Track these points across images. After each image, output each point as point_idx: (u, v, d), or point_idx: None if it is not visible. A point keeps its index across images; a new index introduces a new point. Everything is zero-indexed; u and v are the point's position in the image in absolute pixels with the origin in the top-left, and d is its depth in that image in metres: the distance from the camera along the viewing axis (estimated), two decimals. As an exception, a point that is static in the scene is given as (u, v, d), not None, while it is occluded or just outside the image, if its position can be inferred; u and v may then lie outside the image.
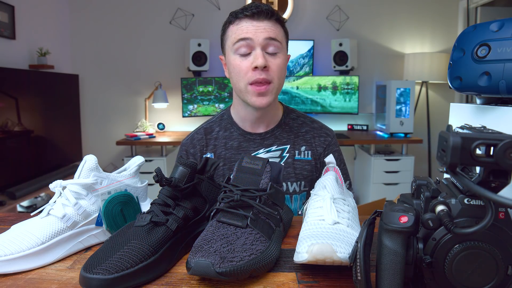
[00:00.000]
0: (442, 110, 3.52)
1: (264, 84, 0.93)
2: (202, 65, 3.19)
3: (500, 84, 0.58)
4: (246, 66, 0.93)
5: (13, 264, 0.55)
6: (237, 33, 0.93)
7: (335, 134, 1.13)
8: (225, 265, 0.50)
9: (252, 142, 1.05)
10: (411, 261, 0.43)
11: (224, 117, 1.09)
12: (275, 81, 0.94)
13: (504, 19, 0.59)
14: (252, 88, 0.93)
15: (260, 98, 0.94)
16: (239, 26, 0.93)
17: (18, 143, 2.50)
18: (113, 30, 3.42)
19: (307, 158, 1.05)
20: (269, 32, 0.92)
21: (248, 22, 0.92)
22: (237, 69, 0.94)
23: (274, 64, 0.93)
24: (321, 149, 1.07)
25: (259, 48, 0.92)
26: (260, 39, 0.91)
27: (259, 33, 0.91)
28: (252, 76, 0.92)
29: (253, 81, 0.92)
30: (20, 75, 2.52)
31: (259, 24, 0.92)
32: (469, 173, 0.44)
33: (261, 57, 0.91)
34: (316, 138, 1.08)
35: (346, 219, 0.59)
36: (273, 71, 0.93)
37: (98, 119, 3.53)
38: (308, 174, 1.05)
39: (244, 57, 0.93)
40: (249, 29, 0.92)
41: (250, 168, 0.65)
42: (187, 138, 1.09)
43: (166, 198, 0.61)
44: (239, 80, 0.95)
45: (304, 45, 3.35)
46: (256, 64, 0.90)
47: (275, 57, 0.94)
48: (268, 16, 0.93)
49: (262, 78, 0.92)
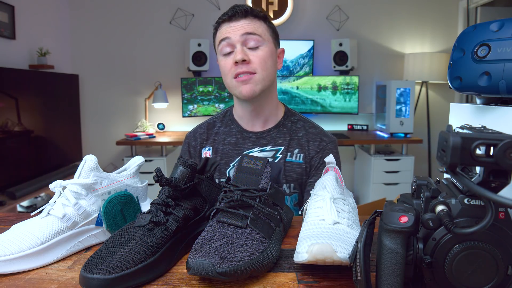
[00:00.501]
0: (442, 110, 3.52)
1: (246, 74, 0.98)
2: (202, 65, 3.19)
3: (500, 84, 0.58)
4: (229, 63, 1.00)
5: (13, 264, 0.55)
6: (218, 36, 1.02)
7: (335, 140, 1.10)
8: (225, 265, 0.50)
9: (248, 140, 1.08)
10: (411, 261, 0.43)
11: (227, 114, 1.15)
12: (259, 71, 0.99)
13: (504, 19, 0.59)
14: (236, 80, 0.99)
15: (244, 86, 0.99)
16: (220, 30, 1.02)
17: (18, 143, 2.50)
18: (113, 30, 3.42)
19: (298, 161, 1.05)
20: (246, 28, 0.98)
21: (227, 25, 1.00)
22: (223, 68, 1.02)
23: (255, 57, 0.99)
24: (313, 153, 1.06)
25: (238, 45, 0.98)
26: (237, 36, 0.98)
27: (236, 31, 0.98)
28: (234, 70, 0.99)
29: (236, 74, 0.99)
30: (20, 75, 2.52)
31: (236, 24, 0.99)
32: (469, 173, 0.44)
33: (239, 52, 0.97)
34: (311, 143, 1.07)
35: (346, 219, 0.59)
36: (255, 63, 0.98)
37: (98, 119, 3.53)
38: (297, 177, 1.04)
39: (228, 56, 1.00)
40: (227, 30, 1.00)
41: (250, 168, 0.65)
42: (191, 131, 1.17)
43: (166, 198, 0.61)
44: (225, 77, 1.02)
45: (304, 45, 3.35)
46: (235, 59, 0.97)
47: (257, 50, 0.99)
48: (243, 15, 0.99)
49: (243, 71, 0.98)
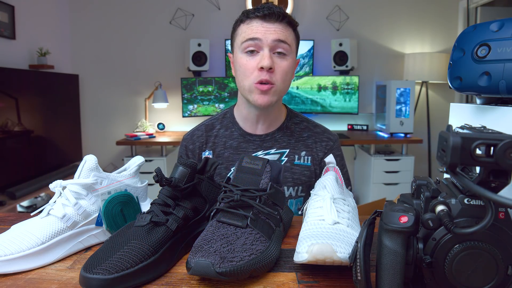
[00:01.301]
0: (442, 110, 3.52)
1: (267, 84, 0.93)
2: (202, 65, 3.19)
3: (500, 84, 0.58)
4: (252, 65, 0.93)
5: (13, 264, 0.55)
6: (247, 33, 0.94)
7: (338, 138, 1.11)
8: (225, 265, 0.50)
9: (252, 143, 1.05)
10: (411, 261, 0.43)
11: (226, 116, 1.10)
12: (278, 84, 0.95)
13: (504, 19, 0.59)
14: (257, 86, 0.94)
15: (262, 96, 0.94)
16: (250, 26, 0.94)
17: (18, 143, 2.50)
18: (113, 30, 3.42)
19: (307, 164, 1.05)
20: (279, 34, 0.92)
21: (259, 23, 0.93)
22: (243, 67, 0.95)
23: (279, 66, 0.94)
24: (322, 154, 1.06)
25: (267, 49, 0.92)
26: (269, 40, 0.92)
27: (269, 34, 0.92)
28: (257, 76, 0.93)
29: (258, 81, 0.93)
30: (20, 75, 2.52)
31: (270, 26, 0.92)
32: (469, 173, 0.44)
33: (267, 58, 0.91)
34: (318, 143, 1.07)
35: (346, 219, 0.59)
36: (278, 73, 0.94)
37: (98, 119, 3.53)
38: (306, 179, 1.04)
39: (251, 57, 0.94)
40: (259, 30, 0.92)
41: (250, 168, 0.65)
42: (188, 133, 1.10)
43: (166, 198, 0.61)
44: (244, 78, 0.95)
45: (304, 45, 3.34)
46: (262, 64, 0.91)
47: (282, 59, 0.94)
48: (279, 18, 0.93)
49: (265, 79, 0.92)
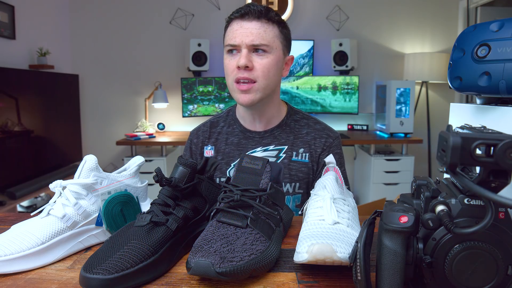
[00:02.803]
0: (442, 110, 3.52)
1: (247, 83, 0.96)
2: (202, 65, 3.19)
3: (500, 84, 0.58)
4: (232, 64, 0.97)
5: (13, 264, 0.55)
6: (228, 37, 0.98)
7: (339, 136, 1.10)
8: (225, 265, 0.50)
9: (251, 140, 1.07)
10: (411, 261, 0.43)
11: (230, 113, 1.14)
12: (260, 80, 0.96)
13: (504, 19, 0.59)
14: (236, 85, 0.97)
15: (243, 95, 0.97)
16: (231, 28, 0.97)
17: (18, 143, 2.50)
18: (113, 30, 3.42)
19: (304, 160, 1.05)
20: (255, 36, 0.94)
21: (238, 24, 0.96)
22: (226, 67, 1.00)
23: (259, 64, 0.95)
24: (320, 150, 1.06)
25: (245, 50, 0.95)
26: (245, 44, 0.94)
27: (245, 37, 0.94)
28: (236, 74, 0.96)
29: (236, 79, 0.96)
30: (20, 75, 2.52)
31: (248, 26, 0.94)
32: (469, 173, 0.44)
33: (243, 57, 0.94)
34: (317, 140, 1.07)
35: (346, 219, 0.59)
36: (258, 70, 0.96)
37: (98, 119, 3.53)
38: (304, 176, 1.04)
39: (232, 56, 0.98)
40: (237, 33, 0.95)
41: (250, 168, 0.65)
42: (195, 128, 1.16)
43: (166, 198, 0.61)
44: (227, 78, 1.00)
45: (304, 45, 3.35)
46: (238, 64, 0.94)
47: (262, 57, 0.96)
48: (256, 15, 0.95)
49: (244, 77, 0.95)
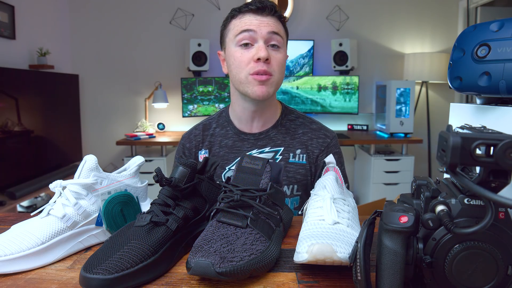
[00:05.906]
0: (442, 110, 3.52)
1: (265, 74, 0.93)
2: (202, 65, 3.19)
3: (500, 84, 0.58)
4: (247, 57, 0.93)
5: (13, 264, 0.55)
6: (240, 25, 0.94)
7: (336, 135, 1.09)
8: (225, 265, 0.50)
9: (246, 142, 1.04)
10: (411, 261, 0.43)
11: (222, 115, 1.10)
12: (276, 75, 0.95)
13: (504, 19, 0.59)
14: (256, 77, 0.93)
15: (260, 87, 0.93)
16: (243, 19, 0.94)
17: (18, 143, 2.50)
18: (113, 30, 3.42)
19: (302, 162, 1.03)
20: (272, 27, 0.94)
21: (252, 16, 0.94)
22: (237, 60, 0.94)
23: (275, 58, 0.94)
24: (318, 151, 1.04)
25: (261, 41, 0.92)
26: (264, 32, 0.93)
27: (263, 26, 0.93)
28: (254, 66, 0.92)
29: (255, 72, 0.92)
30: (20, 75, 2.52)
31: (263, 19, 0.94)
32: (469, 173, 0.44)
33: (263, 49, 0.91)
34: (314, 140, 1.05)
35: (346, 219, 0.59)
36: (275, 64, 0.94)
37: (98, 119, 3.53)
38: (301, 178, 1.02)
39: (246, 49, 0.94)
40: (252, 22, 0.93)
41: (250, 168, 0.65)
42: (187, 132, 1.12)
43: (166, 198, 0.61)
44: (239, 71, 0.95)
45: (304, 45, 3.35)
46: (258, 55, 0.91)
47: (277, 51, 0.95)
48: (271, 12, 0.95)
49: (263, 70, 0.92)
